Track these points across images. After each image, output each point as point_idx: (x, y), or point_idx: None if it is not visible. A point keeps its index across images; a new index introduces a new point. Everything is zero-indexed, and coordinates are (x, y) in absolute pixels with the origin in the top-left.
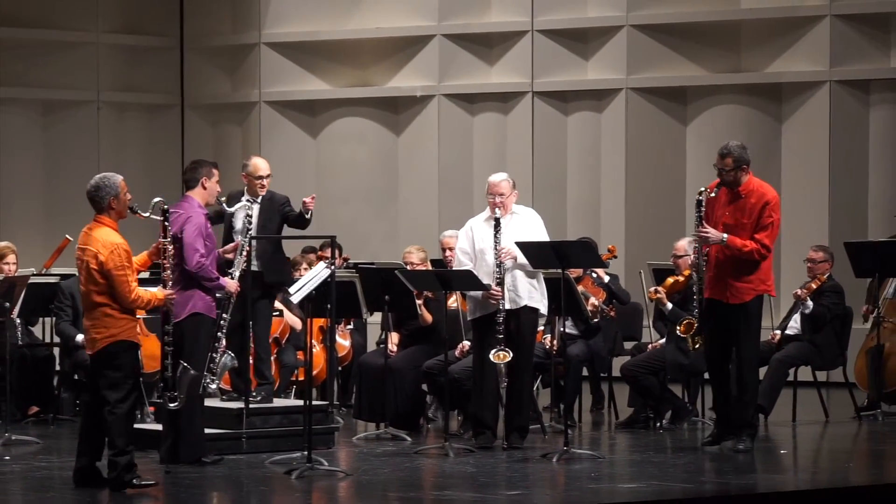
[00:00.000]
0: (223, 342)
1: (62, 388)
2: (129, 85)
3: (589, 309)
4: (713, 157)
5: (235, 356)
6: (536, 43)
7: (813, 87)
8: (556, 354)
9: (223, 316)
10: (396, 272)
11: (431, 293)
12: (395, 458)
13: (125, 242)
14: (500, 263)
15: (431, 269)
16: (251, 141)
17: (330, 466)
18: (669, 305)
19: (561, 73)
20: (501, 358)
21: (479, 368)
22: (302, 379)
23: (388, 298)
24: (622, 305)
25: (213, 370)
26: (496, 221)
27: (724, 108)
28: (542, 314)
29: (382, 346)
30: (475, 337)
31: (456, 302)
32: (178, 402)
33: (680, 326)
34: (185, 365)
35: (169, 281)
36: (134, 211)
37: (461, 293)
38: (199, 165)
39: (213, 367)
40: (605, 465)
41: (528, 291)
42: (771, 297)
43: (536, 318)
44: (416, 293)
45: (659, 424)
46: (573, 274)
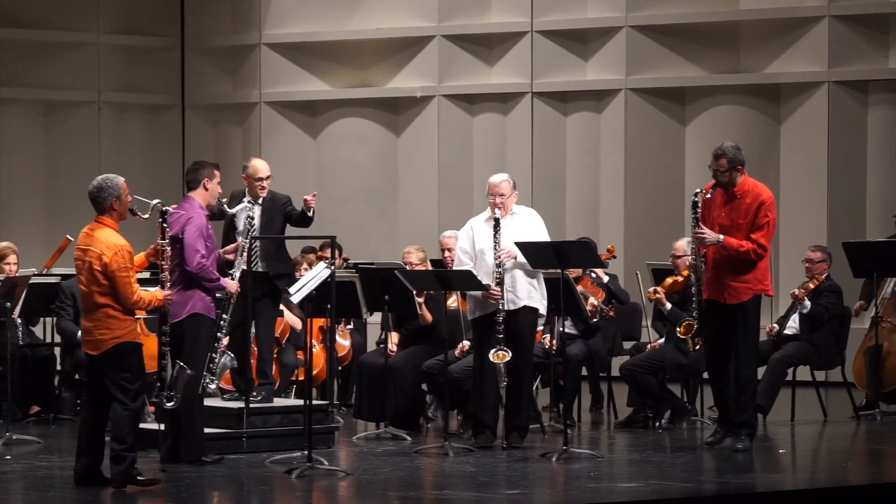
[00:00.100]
0: (223, 342)
1: (63, 387)
2: (129, 85)
3: (588, 309)
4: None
5: (236, 356)
6: (536, 43)
7: (811, 87)
8: (555, 354)
9: (223, 316)
10: (396, 272)
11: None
12: (395, 457)
13: (128, 244)
14: (499, 263)
15: (431, 269)
16: (251, 141)
17: (330, 466)
18: (668, 305)
19: (560, 73)
20: (500, 357)
21: (478, 368)
22: (302, 379)
23: (387, 298)
24: (621, 305)
25: (212, 370)
26: (496, 222)
27: (723, 108)
28: (541, 314)
29: (382, 345)
30: (475, 337)
31: (456, 302)
32: (174, 401)
33: (679, 328)
34: (181, 365)
35: (167, 282)
36: (134, 212)
37: (461, 293)
38: (201, 166)
39: (212, 367)
40: (604, 464)
41: (527, 292)
42: (769, 296)
43: (536, 318)
44: (416, 292)
45: (658, 424)
46: (572, 274)
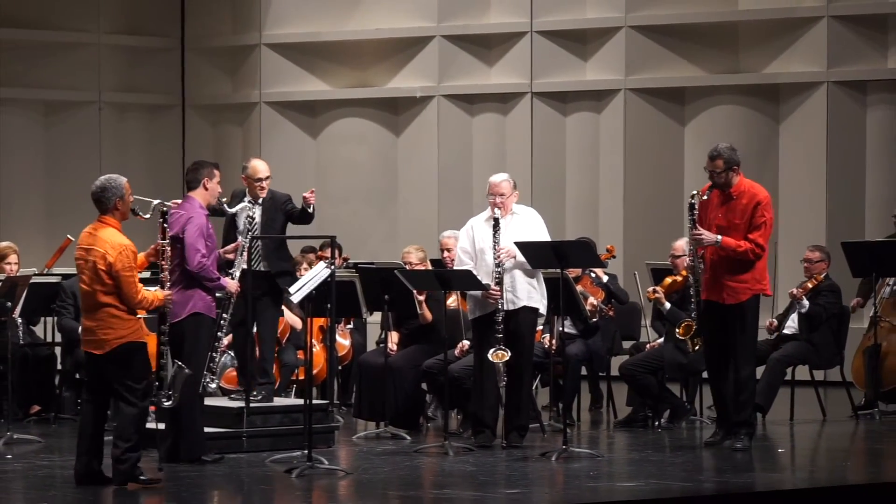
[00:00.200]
0: (224, 342)
1: (63, 387)
2: (130, 85)
3: (588, 308)
4: None
5: (237, 355)
6: (535, 44)
7: (810, 87)
8: (554, 354)
9: (223, 316)
10: (396, 272)
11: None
12: (394, 456)
13: (132, 244)
14: (498, 263)
15: (430, 268)
16: (251, 141)
17: (330, 465)
18: (668, 305)
19: (560, 73)
20: (500, 357)
21: (478, 368)
22: (302, 378)
23: (387, 298)
24: (621, 305)
25: (212, 370)
26: (495, 221)
27: (722, 108)
28: (541, 314)
29: (382, 345)
30: (475, 336)
31: (455, 301)
32: (172, 400)
33: (679, 329)
34: (179, 364)
35: (167, 282)
36: (135, 212)
37: (461, 292)
38: (200, 166)
39: (212, 366)
40: (603, 463)
41: (527, 292)
42: (767, 296)
43: (535, 317)
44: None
45: (657, 423)
46: (572, 274)
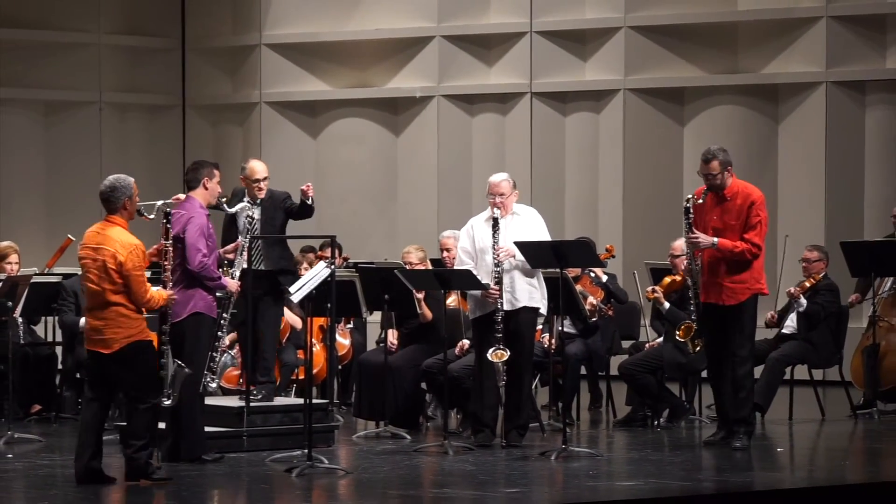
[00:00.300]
0: (224, 341)
1: (64, 386)
2: (130, 86)
3: (587, 308)
4: None
5: (242, 355)
6: (535, 44)
7: (809, 87)
8: (554, 353)
9: (224, 315)
10: (396, 272)
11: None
12: (394, 456)
13: (141, 243)
14: (497, 263)
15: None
16: (252, 141)
17: (330, 464)
18: (667, 305)
19: (559, 73)
20: (499, 357)
21: (478, 367)
22: (302, 377)
23: (387, 297)
24: (620, 305)
25: (213, 369)
26: (494, 221)
27: (721, 108)
28: (542, 313)
29: (382, 344)
30: (475, 336)
31: (455, 301)
32: (172, 399)
33: (679, 331)
34: (179, 364)
35: (169, 282)
36: (140, 213)
37: (461, 292)
38: (200, 166)
39: (213, 366)
40: (603, 462)
41: (527, 292)
42: (765, 295)
43: (535, 317)
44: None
45: (657, 423)
46: (571, 273)
